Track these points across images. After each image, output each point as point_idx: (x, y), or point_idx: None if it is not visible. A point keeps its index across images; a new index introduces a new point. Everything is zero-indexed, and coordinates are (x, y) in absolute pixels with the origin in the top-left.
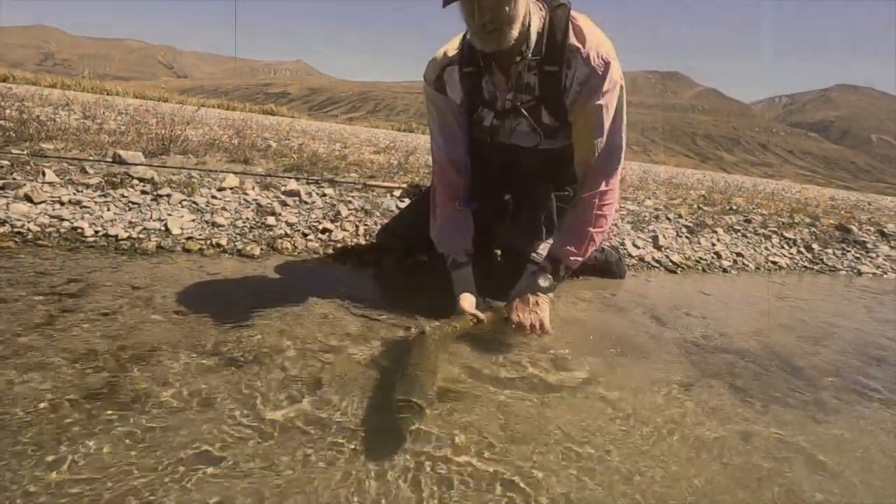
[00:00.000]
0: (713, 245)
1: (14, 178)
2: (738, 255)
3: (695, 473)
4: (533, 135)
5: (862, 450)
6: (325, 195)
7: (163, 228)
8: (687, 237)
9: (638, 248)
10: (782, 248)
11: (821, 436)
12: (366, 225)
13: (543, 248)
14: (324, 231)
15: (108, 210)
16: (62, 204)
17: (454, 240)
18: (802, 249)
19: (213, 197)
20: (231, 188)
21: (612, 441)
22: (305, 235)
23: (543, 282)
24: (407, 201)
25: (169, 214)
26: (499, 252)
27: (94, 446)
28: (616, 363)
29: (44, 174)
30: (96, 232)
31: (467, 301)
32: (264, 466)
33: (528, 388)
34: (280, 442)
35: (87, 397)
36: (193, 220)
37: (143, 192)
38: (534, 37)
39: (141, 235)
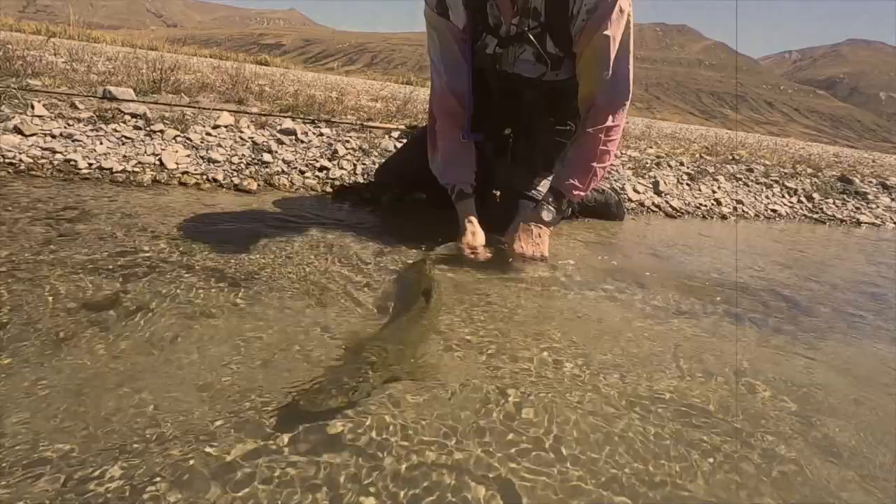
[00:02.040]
0: (713, 192)
1: (2, 111)
2: (739, 202)
3: (687, 391)
4: (537, 64)
5: (852, 369)
6: (321, 135)
7: (157, 163)
8: (688, 184)
9: (638, 192)
10: (783, 197)
11: (813, 355)
12: (364, 164)
13: (543, 186)
14: (321, 169)
15: (101, 144)
16: (53, 137)
17: (458, 170)
18: (803, 199)
19: (208, 134)
20: (226, 126)
21: (610, 364)
22: (303, 173)
23: (546, 215)
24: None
25: (163, 149)
26: (497, 193)
27: (99, 349)
28: (616, 293)
29: (33, 107)
30: (90, 164)
31: (479, 238)
32: (263, 379)
33: (529, 316)
34: (279, 356)
35: (90, 307)
36: (188, 156)
37: (136, 128)
38: None
39: (136, 169)
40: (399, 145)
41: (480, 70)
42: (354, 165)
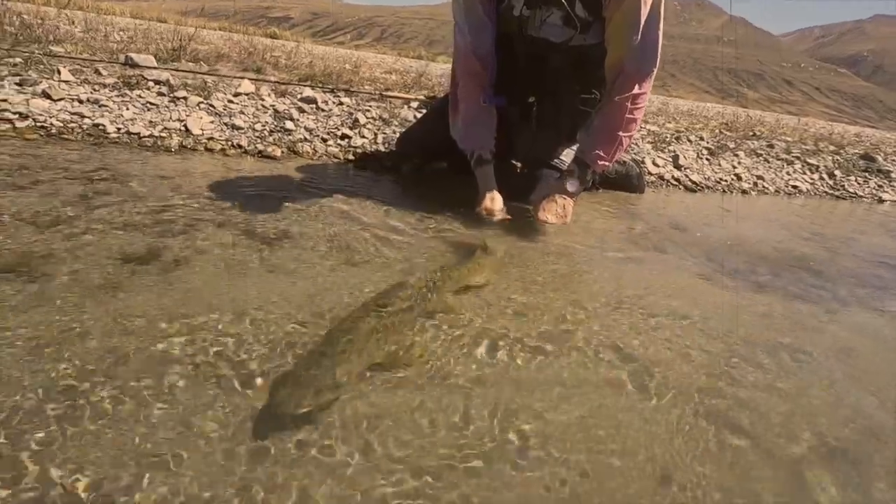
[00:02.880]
0: (734, 167)
1: (30, 75)
2: (759, 177)
3: (709, 348)
4: (565, 28)
5: (875, 336)
6: (342, 104)
7: (183, 129)
8: (707, 159)
9: (658, 166)
10: (804, 173)
11: (834, 320)
12: (384, 133)
13: (567, 155)
14: (343, 137)
15: (128, 109)
16: (81, 102)
17: (478, 136)
18: (824, 176)
19: (230, 101)
20: (247, 94)
21: (636, 319)
22: (325, 140)
23: (571, 186)
24: (425, 112)
25: (187, 115)
26: (518, 165)
27: (140, 299)
28: (638, 259)
29: (59, 72)
30: (118, 129)
31: (498, 203)
32: (293, 322)
33: (554, 279)
34: (312, 302)
35: (131, 259)
36: (213, 122)
37: (160, 94)
38: None
39: (162, 134)
40: (418, 115)
41: (506, 35)
42: (375, 134)
